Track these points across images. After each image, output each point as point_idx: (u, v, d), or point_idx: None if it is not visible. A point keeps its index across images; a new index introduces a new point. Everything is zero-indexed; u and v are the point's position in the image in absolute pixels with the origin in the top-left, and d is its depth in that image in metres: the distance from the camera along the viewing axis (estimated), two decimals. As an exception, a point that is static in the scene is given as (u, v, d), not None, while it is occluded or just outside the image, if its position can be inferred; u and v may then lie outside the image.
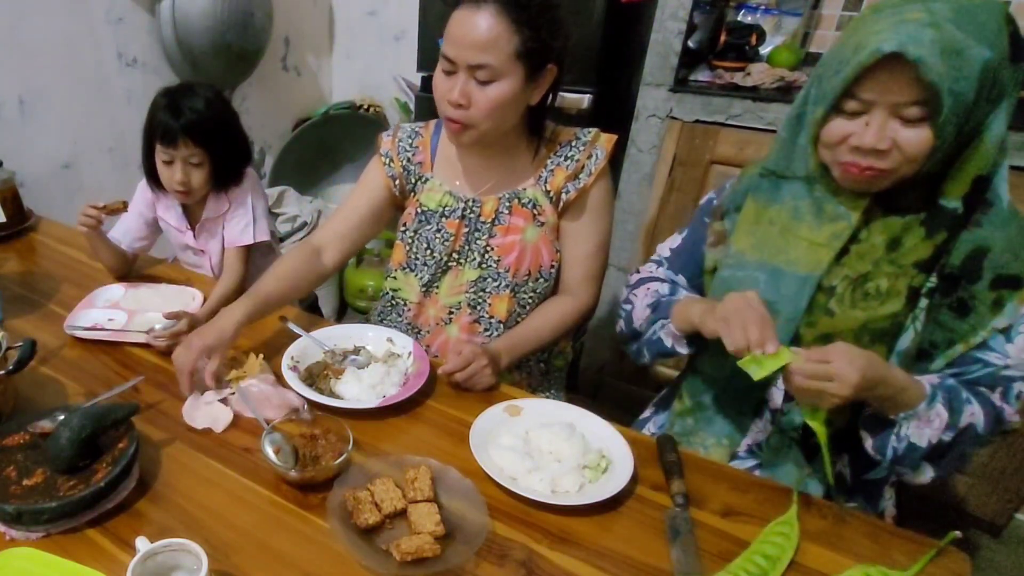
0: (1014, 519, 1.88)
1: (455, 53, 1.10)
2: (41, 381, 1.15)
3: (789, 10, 2.06)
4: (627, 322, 1.18)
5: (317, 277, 1.34)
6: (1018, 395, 0.92)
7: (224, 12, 2.25)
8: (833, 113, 0.89)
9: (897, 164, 0.86)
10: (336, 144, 3.06)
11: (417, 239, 1.34)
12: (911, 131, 0.84)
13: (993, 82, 0.81)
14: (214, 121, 1.41)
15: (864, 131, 0.86)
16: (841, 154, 0.90)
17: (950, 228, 0.90)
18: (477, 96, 1.11)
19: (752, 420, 1.09)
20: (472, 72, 1.10)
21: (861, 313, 0.95)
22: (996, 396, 0.92)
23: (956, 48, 0.78)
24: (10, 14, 1.86)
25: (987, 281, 0.89)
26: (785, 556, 0.86)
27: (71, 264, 1.56)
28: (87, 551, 0.84)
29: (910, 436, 0.90)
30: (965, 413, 0.89)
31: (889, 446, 0.92)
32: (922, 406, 0.88)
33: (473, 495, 0.92)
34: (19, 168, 1.79)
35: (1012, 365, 0.91)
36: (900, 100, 0.83)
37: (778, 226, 1.01)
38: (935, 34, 0.78)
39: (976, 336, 0.90)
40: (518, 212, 1.27)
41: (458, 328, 1.35)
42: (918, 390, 0.89)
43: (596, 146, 1.26)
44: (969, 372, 0.93)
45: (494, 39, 1.07)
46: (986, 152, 0.85)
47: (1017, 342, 0.90)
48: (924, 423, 0.89)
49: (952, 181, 0.88)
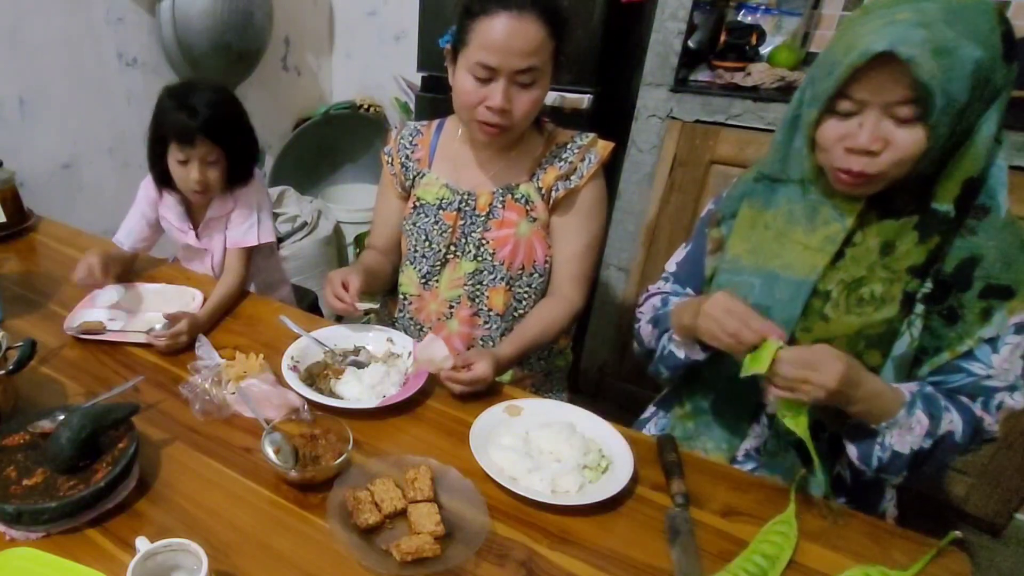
0: (1014, 519, 1.88)
1: (499, 60, 1.12)
2: (41, 381, 1.15)
3: (789, 10, 2.06)
4: (639, 342, 1.19)
5: (393, 274, 1.46)
6: (999, 405, 0.91)
7: (224, 12, 2.25)
8: (827, 114, 0.89)
9: (890, 166, 0.86)
10: (336, 144, 3.06)
11: (416, 231, 1.36)
12: (904, 131, 0.84)
13: (986, 82, 0.81)
14: (228, 117, 1.40)
15: (858, 131, 0.86)
16: (836, 157, 0.89)
17: (943, 232, 0.89)
18: (519, 99, 1.16)
19: (750, 425, 1.09)
20: (515, 77, 1.14)
21: (856, 319, 0.95)
22: (977, 406, 0.91)
23: (947, 47, 0.78)
24: (10, 14, 1.86)
25: (977, 290, 0.88)
26: (784, 555, 0.86)
27: (71, 264, 1.54)
28: (87, 551, 0.84)
29: (893, 445, 0.90)
30: (944, 420, 0.89)
31: (874, 455, 0.92)
32: (902, 413, 0.88)
33: (473, 495, 0.92)
34: (19, 168, 1.79)
35: (994, 375, 0.90)
36: (892, 99, 0.83)
37: (773, 230, 1.01)
38: (926, 33, 0.78)
39: (962, 344, 0.90)
40: (511, 207, 1.29)
41: (458, 321, 1.36)
42: (896, 397, 0.89)
43: (591, 150, 1.28)
44: (951, 381, 0.92)
45: (540, 44, 1.12)
46: (976, 154, 0.85)
47: (1003, 353, 0.90)
48: (905, 431, 0.89)
49: (942, 184, 0.88)
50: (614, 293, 2.23)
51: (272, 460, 0.94)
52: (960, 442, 0.90)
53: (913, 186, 0.90)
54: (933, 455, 0.91)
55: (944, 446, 0.90)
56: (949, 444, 0.90)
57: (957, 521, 1.89)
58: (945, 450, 0.90)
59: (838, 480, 1.05)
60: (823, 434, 1.02)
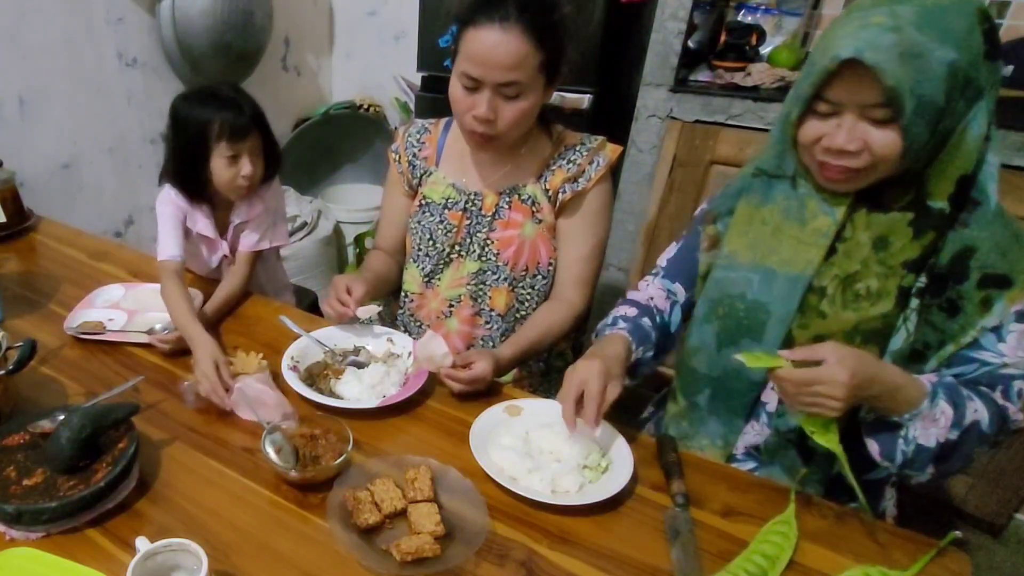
0: (1014, 519, 1.88)
1: (481, 73, 1.11)
2: (41, 381, 1.15)
3: (789, 10, 2.06)
4: None
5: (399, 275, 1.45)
6: (1019, 393, 0.91)
7: (224, 12, 2.25)
8: (808, 114, 0.91)
9: (870, 164, 0.87)
10: (336, 144, 3.06)
11: (420, 230, 1.36)
12: (880, 132, 0.85)
13: (965, 82, 0.82)
14: (260, 108, 1.39)
15: (836, 132, 0.88)
16: (816, 154, 0.91)
17: (938, 228, 0.90)
18: (504, 110, 1.14)
19: (746, 422, 1.09)
20: (499, 89, 1.12)
21: (852, 314, 0.95)
22: (997, 395, 0.91)
23: (917, 52, 0.79)
24: (10, 14, 1.86)
25: (974, 281, 0.89)
26: (784, 555, 0.86)
27: (71, 264, 1.56)
28: (87, 551, 0.84)
29: (917, 438, 0.89)
30: (968, 409, 0.88)
31: (898, 451, 0.90)
32: (925, 404, 0.87)
33: (473, 495, 0.92)
34: (19, 168, 1.79)
35: (1010, 363, 0.90)
36: (866, 102, 0.84)
37: (770, 226, 1.02)
38: (895, 38, 0.80)
39: (965, 336, 0.90)
40: (517, 208, 1.29)
41: (458, 321, 1.36)
42: (918, 388, 0.88)
43: (600, 153, 1.27)
44: (966, 373, 0.92)
45: (522, 59, 1.10)
46: (967, 151, 0.86)
47: (1009, 341, 0.90)
48: (930, 422, 0.88)
49: (936, 181, 0.89)
50: (614, 294, 2.23)
51: (273, 460, 0.94)
52: (987, 432, 0.89)
53: (903, 181, 0.91)
54: (960, 448, 0.89)
55: (971, 437, 0.89)
56: (976, 434, 0.89)
57: (957, 521, 1.89)
58: (972, 441, 0.89)
59: (838, 480, 1.05)
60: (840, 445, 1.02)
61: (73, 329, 1.27)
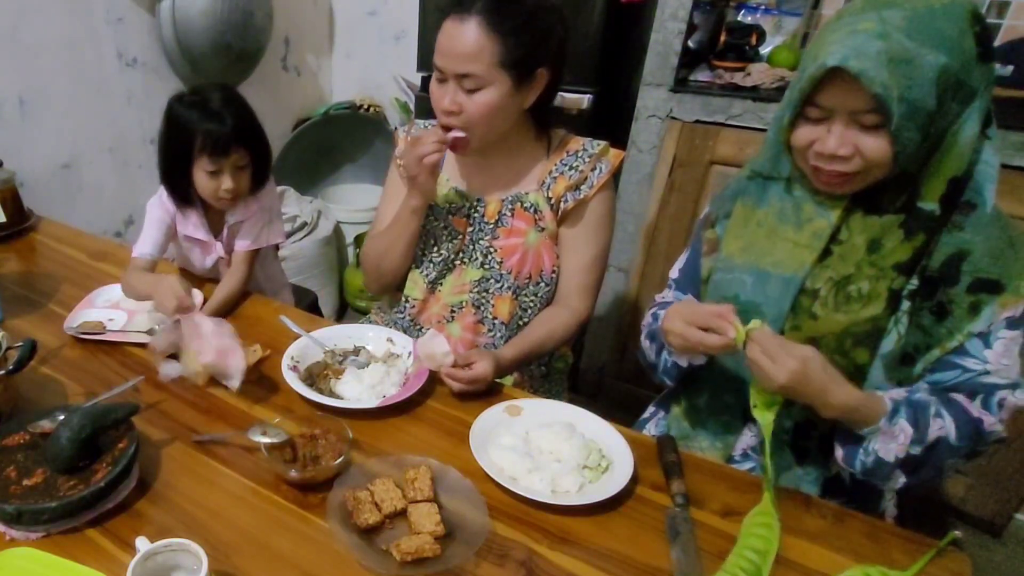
0: (1014, 519, 1.88)
1: (443, 63, 1.14)
2: (41, 381, 1.15)
3: (789, 10, 2.06)
4: (643, 357, 1.19)
5: None
6: (1000, 403, 0.91)
7: (224, 12, 2.25)
8: (800, 119, 0.91)
9: (863, 168, 0.88)
10: (336, 144, 3.06)
11: (424, 234, 1.35)
12: (871, 137, 0.86)
13: (958, 85, 0.82)
14: (250, 119, 1.36)
15: (827, 137, 0.88)
16: (810, 159, 0.92)
17: (928, 230, 0.90)
18: (466, 104, 1.14)
19: (744, 424, 1.09)
20: (459, 81, 1.13)
21: (843, 316, 0.95)
22: (975, 406, 0.91)
23: (905, 57, 0.80)
24: (10, 14, 1.86)
25: (965, 285, 0.89)
26: (772, 548, 0.86)
27: (71, 264, 1.56)
28: (87, 551, 0.84)
29: (877, 451, 0.91)
30: (933, 427, 0.89)
31: (857, 459, 0.93)
32: (883, 422, 0.89)
33: (473, 495, 0.92)
34: (19, 168, 1.79)
35: (992, 371, 0.90)
36: (856, 108, 0.85)
37: (765, 228, 1.02)
38: (883, 44, 0.80)
39: (952, 340, 0.90)
40: (520, 215, 1.28)
41: (461, 327, 1.35)
42: (875, 407, 0.90)
43: (602, 159, 1.26)
44: (946, 379, 0.92)
45: (478, 50, 1.10)
46: (959, 153, 0.86)
47: (996, 348, 0.89)
48: (889, 438, 0.89)
49: (927, 183, 0.89)
50: (614, 294, 2.23)
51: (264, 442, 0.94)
52: (957, 445, 0.89)
53: (898, 184, 0.91)
54: (927, 461, 0.91)
55: (938, 451, 0.90)
56: (944, 448, 0.90)
57: (957, 521, 1.89)
58: (941, 454, 0.90)
59: (835, 480, 1.05)
60: (813, 432, 1.03)
61: (73, 329, 1.27)
